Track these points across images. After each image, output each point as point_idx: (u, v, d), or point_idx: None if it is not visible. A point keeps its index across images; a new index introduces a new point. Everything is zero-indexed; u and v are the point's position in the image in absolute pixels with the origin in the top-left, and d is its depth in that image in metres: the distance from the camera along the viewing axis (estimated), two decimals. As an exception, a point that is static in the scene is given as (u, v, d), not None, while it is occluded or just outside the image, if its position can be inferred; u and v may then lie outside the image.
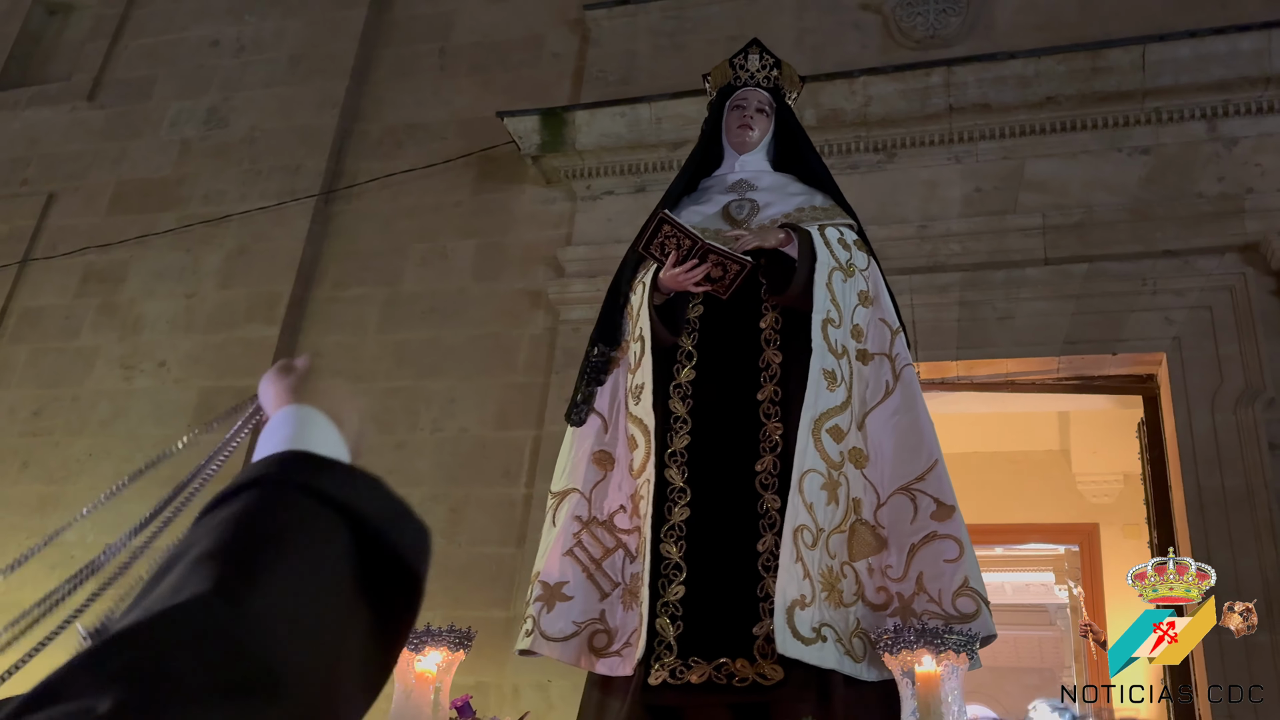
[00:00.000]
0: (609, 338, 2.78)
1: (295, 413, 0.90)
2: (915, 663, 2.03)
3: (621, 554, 2.59)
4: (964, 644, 2.03)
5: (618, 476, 2.67)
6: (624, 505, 2.63)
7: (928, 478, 2.51)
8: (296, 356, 1.02)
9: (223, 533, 0.69)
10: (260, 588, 0.64)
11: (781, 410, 2.52)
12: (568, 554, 2.60)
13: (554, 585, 2.56)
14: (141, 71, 6.47)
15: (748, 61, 3.04)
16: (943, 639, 2.01)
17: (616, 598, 2.55)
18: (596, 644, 2.49)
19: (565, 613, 2.52)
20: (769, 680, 2.24)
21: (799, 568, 2.28)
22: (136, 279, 5.71)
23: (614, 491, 2.66)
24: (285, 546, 0.69)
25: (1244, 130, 4.42)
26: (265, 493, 0.73)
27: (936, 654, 2.01)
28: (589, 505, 2.66)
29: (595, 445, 2.73)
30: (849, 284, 2.68)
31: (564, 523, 2.64)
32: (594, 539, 2.62)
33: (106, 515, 4.44)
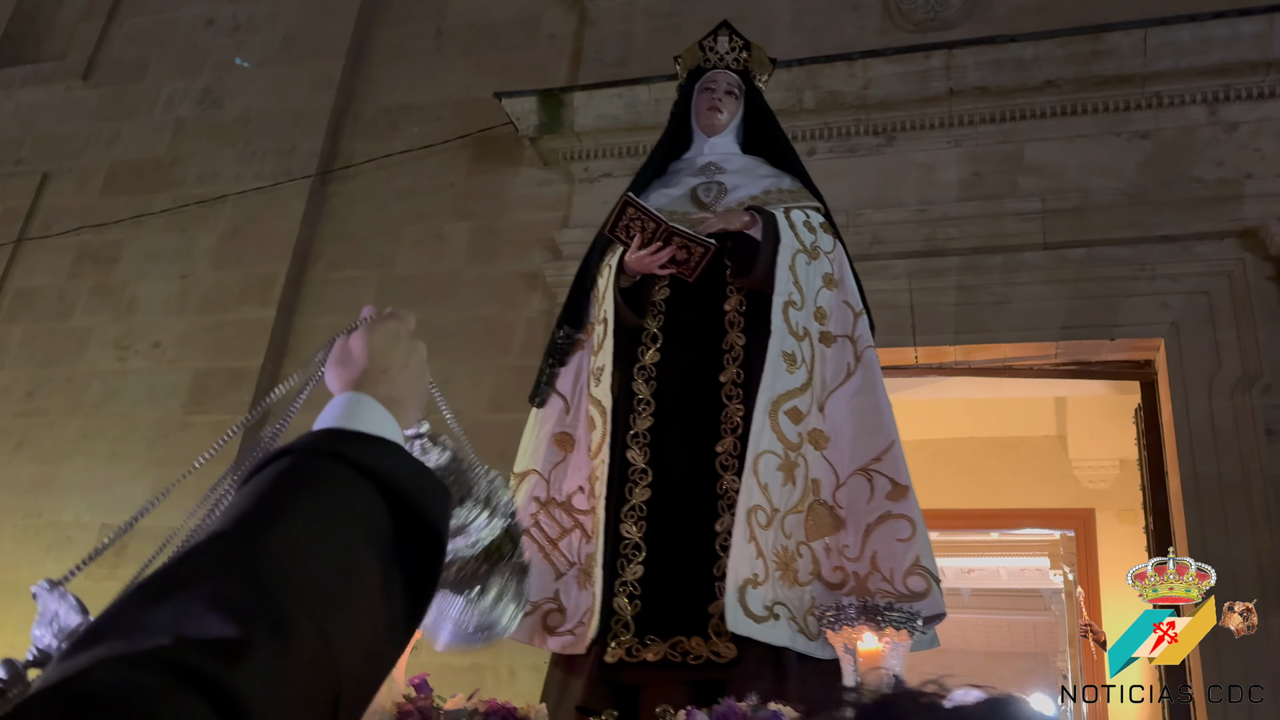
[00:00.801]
0: (574, 320, 2.82)
1: (347, 399, 0.95)
2: (857, 639, 2.06)
3: (578, 534, 2.62)
4: (904, 621, 2.06)
5: (577, 458, 2.70)
6: (582, 486, 2.66)
7: (884, 458, 2.53)
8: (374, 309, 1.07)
9: (250, 489, 0.74)
10: (278, 530, 0.69)
11: (743, 392, 2.55)
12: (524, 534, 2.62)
13: None
14: (136, 51, 6.43)
15: (717, 43, 3.05)
16: (884, 615, 2.05)
17: (571, 577, 2.58)
18: (550, 623, 2.52)
19: None
20: (723, 658, 2.29)
21: (752, 547, 2.31)
22: (130, 260, 5.68)
23: (573, 472, 2.69)
24: (306, 498, 0.74)
25: (1244, 115, 4.40)
26: (294, 459, 0.78)
27: (878, 630, 2.04)
28: (547, 486, 2.69)
29: (556, 427, 2.75)
30: (813, 266, 2.70)
31: (522, 503, 2.67)
32: (551, 519, 2.65)
33: (102, 496, 4.43)
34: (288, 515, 0.71)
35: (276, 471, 0.77)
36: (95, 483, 5.07)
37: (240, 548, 0.66)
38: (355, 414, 0.93)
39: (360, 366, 1.00)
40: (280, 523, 0.70)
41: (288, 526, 0.70)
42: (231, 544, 0.67)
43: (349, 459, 0.79)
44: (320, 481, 0.77)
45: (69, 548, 4.94)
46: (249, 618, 0.60)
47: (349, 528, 0.74)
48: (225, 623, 0.58)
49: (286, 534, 0.69)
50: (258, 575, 0.63)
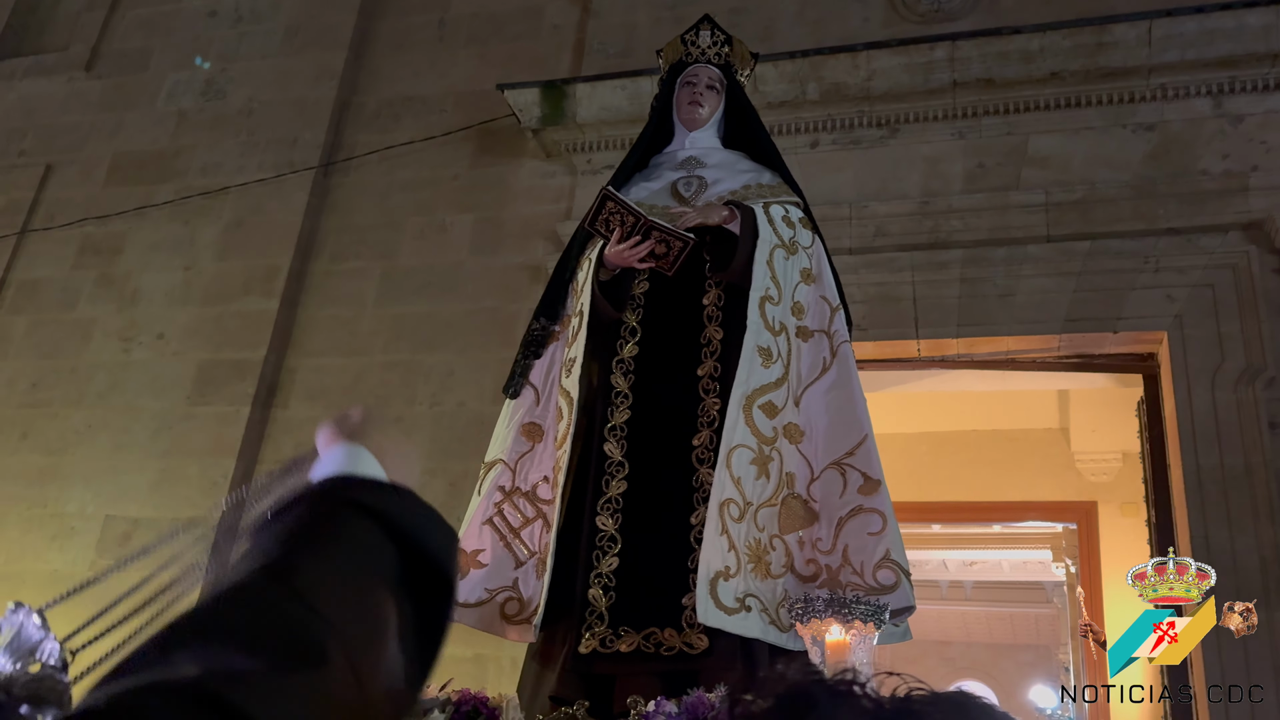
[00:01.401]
0: (550, 312, 2.84)
1: (344, 449, 0.99)
2: (825, 631, 2.08)
3: (540, 524, 2.65)
4: (871, 614, 2.08)
5: (545, 448, 2.73)
6: (547, 476, 2.68)
7: (857, 452, 2.55)
8: (354, 410, 1.09)
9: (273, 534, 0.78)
10: (303, 571, 0.72)
11: (720, 386, 2.57)
12: (487, 523, 2.66)
13: (470, 553, 2.62)
14: (138, 42, 6.43)
15: (699, 38, 3.04)
16: (850, 608, 2.07)
17: (531, 567, 2.60)
18: (508, 611, 2.55)
19: (479, 580, 2.58)
20: (695, 649, 2.31)
21: (724, 540, 2.33)
22: (134, 251, 5.69)
23: (539, 463, 2.72)
24: (326, 543, 0.77)
25: (1249, 107, 4.38)
26: (310, 504, 0.82)
27: (845, 623, 2.06)
28: (513, 475, 2.72)
29: (526, 417, 2.78)
30: (791, 261, 2.71)
31: (487, 492, 2.70)
32: (514, 509, 2.68)
33: (106, 486, 4.42)
34: (309, 556, 0.74)
35: (294, 517, 0.80)
36: (99, 473, 5.09)
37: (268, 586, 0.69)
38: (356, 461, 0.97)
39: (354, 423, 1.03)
40: (303, 563, 0.73)
41: (310, 566, 0.73)
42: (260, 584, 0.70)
43: (359, 503, 0.82)
44: (336, 525, 0.79)
45: (73, 538, 4.96)
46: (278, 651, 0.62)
47: (365, 567, 0.77)
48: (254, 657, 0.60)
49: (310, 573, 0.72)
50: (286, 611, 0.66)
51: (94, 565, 4.87)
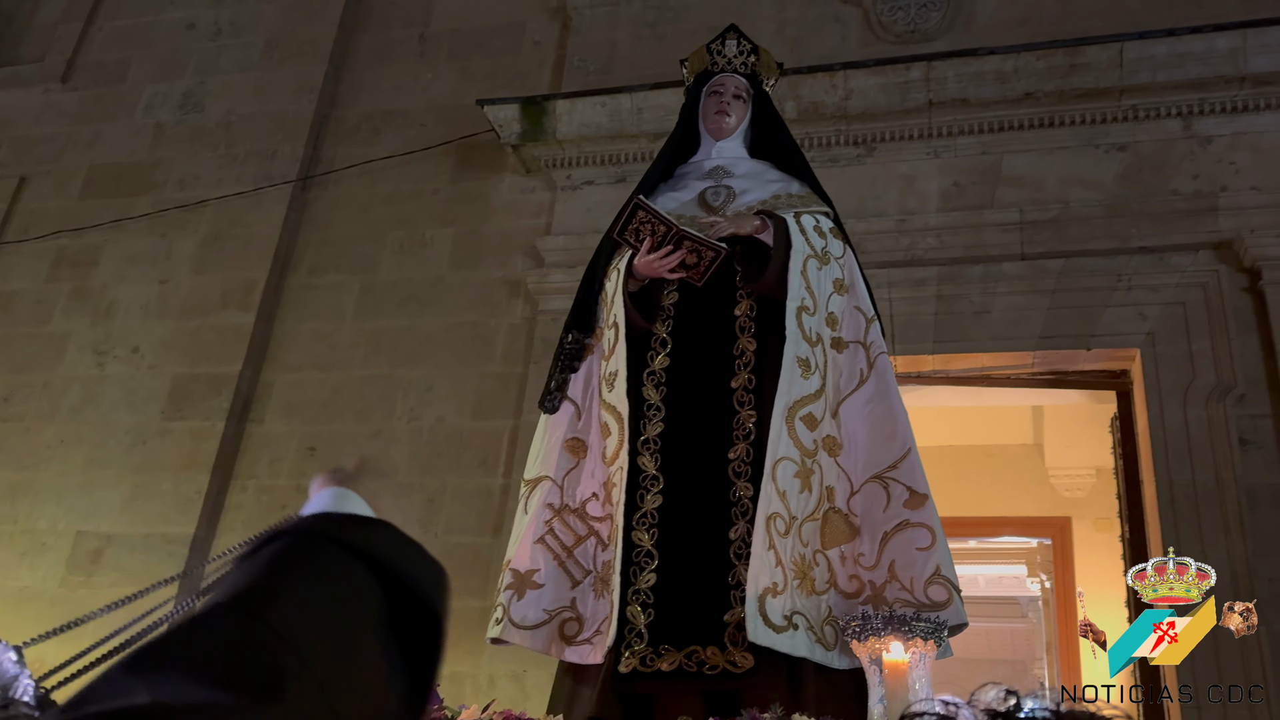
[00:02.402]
0: (583, 324, 2.78)
1: (333, 491, 0.98)
2: (883, 650, 2.03)
3: (593, 541, 2.59)
4: (931, 631, 2.03)
5: (590, 464, 2.67)
6: (596, 493, 2.63)
7: (901, 466, 2.51)
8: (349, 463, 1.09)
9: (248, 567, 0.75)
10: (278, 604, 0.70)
11: (755, 398, 2.52)
12: (539, 542, 2.59)
13: (525, 573, 2.56)
14: (116, 54, 6.39)
15: (725, 47, 3.03)
16: (910, 626, 2.02)
17: (588, 585, 2.54)
18: (567, 632, 2.49)
19: (536, 600, 2.52)
20: (739, 668, 2.24)
21: (771, 555, 2.28)
22: (109, 264, 5.65)
23: (586, 479, 2.66)
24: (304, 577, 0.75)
25: (1219, 129, 4.46)
26: (289, 540, 0.80)
27: (905, 641, 2.02)
28: (561, 493, 2.66)
29: (568, 433, 2.72)
30: (824, 271, 2.68)
31: (535, 510, 2.63)
32: (566, 527, 2.61)
33: (79, 502, 4.38)
34: (285, 589, 0.72)
35: (273, 552, 0.78)
36: (72, 489, 5.03)
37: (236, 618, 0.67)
38: (344, 503, 0.95)
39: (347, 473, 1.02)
40: (278, 596, 0.71)
41: (286, 600, 0.70)
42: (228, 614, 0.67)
43: (342, 540, 0.80)
44: (316, 560, 0.77)
45: (44, 554, 4.90)
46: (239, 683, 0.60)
47: (346, 604, 0.75)
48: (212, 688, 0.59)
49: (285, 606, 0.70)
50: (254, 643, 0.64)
51: (65, 582, 4.81)
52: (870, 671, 2.06)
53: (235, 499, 4.94)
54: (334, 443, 4.94)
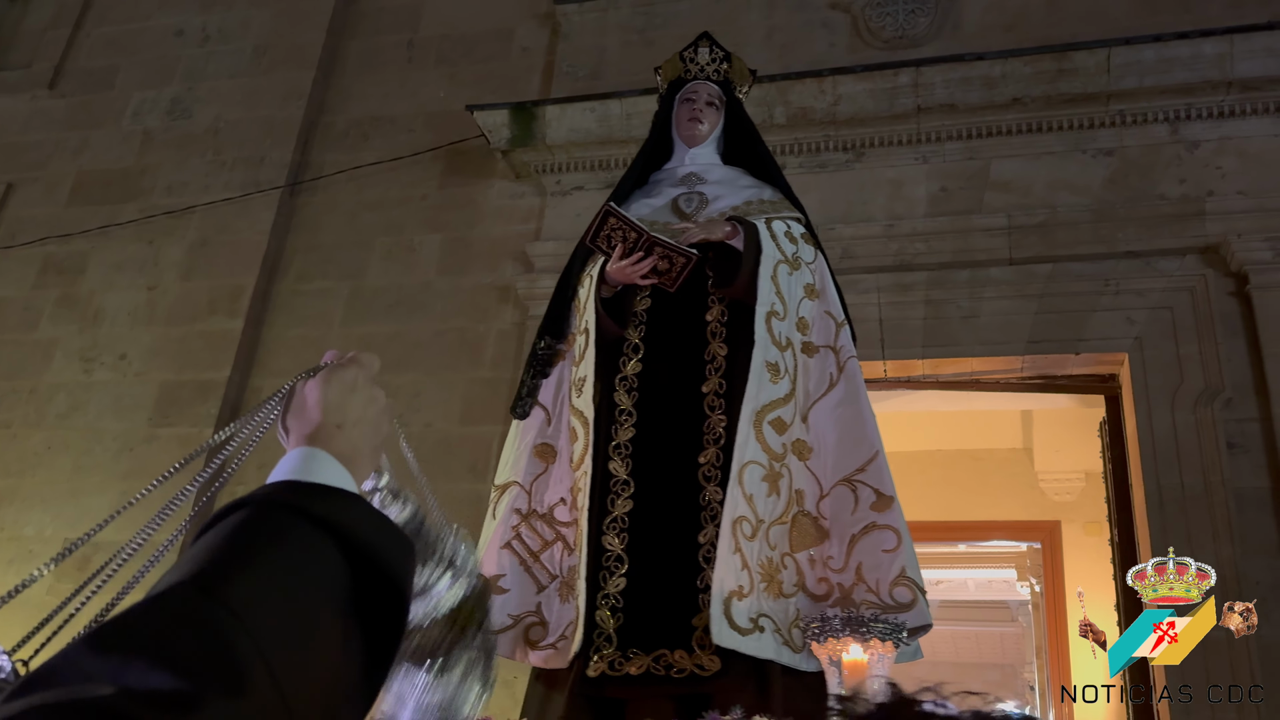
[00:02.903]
0: (555, 330, 2.80)
1: (303, 453, 0.93)
2: (842, 651, 2.05)
3: (560, 546, 2.60)
4: (889, 632, 2.05)
5: (559, 469, 2.68)
6: (564, 498, 2.64)
7: (869, 469, 2.52)
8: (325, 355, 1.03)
9: (207, 541, 0.73)
10: (236, 584, 0.67)
11: (726, 402, 2.53)
12: (505, 546, 2.61)
13: (490, 578, 2.56)
14: (104, 60, 6.38)
15: (698, 55, 3.05)
16: (868, 627, 2.04)
17: (553, 590, 2.55)
18: (532, 636, 2.50)
19: (500, 605, 2.53)
20: (707, 671, 2.25)
21: (737, 559, 2.29)
22: (97, 270, 5.63)
23: (555, 484, 2.67)
24: (264, 551, 0.72)
25: (1205, 133, 4.48)
26: (252, 510, 0.77)
27: (863, 642, 2.03)
28: (529, 498, 2.67)
29: (538, 438, 2.73)
30: (795, 277, 2.69)
31: (503, 515, 2.64)
32: (533, 531, 2.62)
33: (66, 509, 4.35)
34: (245, 568, 0.69)
35: (234, 523, 0.75)
36: (59, 496, 5.00)
37: (195, 600, 0.65)
38: (311, 469, 0.91)
39: (314, 421, 0.97)
40: (237, 575, 0.68)
41: (245, 579, 0.68)
42: (187, 596, 0.65)
43: (307, 511, 0.77)
44: (278, 534, 0.75)
45: (31, 561, 4.87)
46: (199, 671, 0.58)
47: (307, 581, 0.72)
48: (173, 676, 0.57)
49: (243, 586, 0.67)
50: (212, 628, 0.62)
51: (52, 590, 4.78)
52: (830, 672, 2.08)
53: (223, 506, 4.92)
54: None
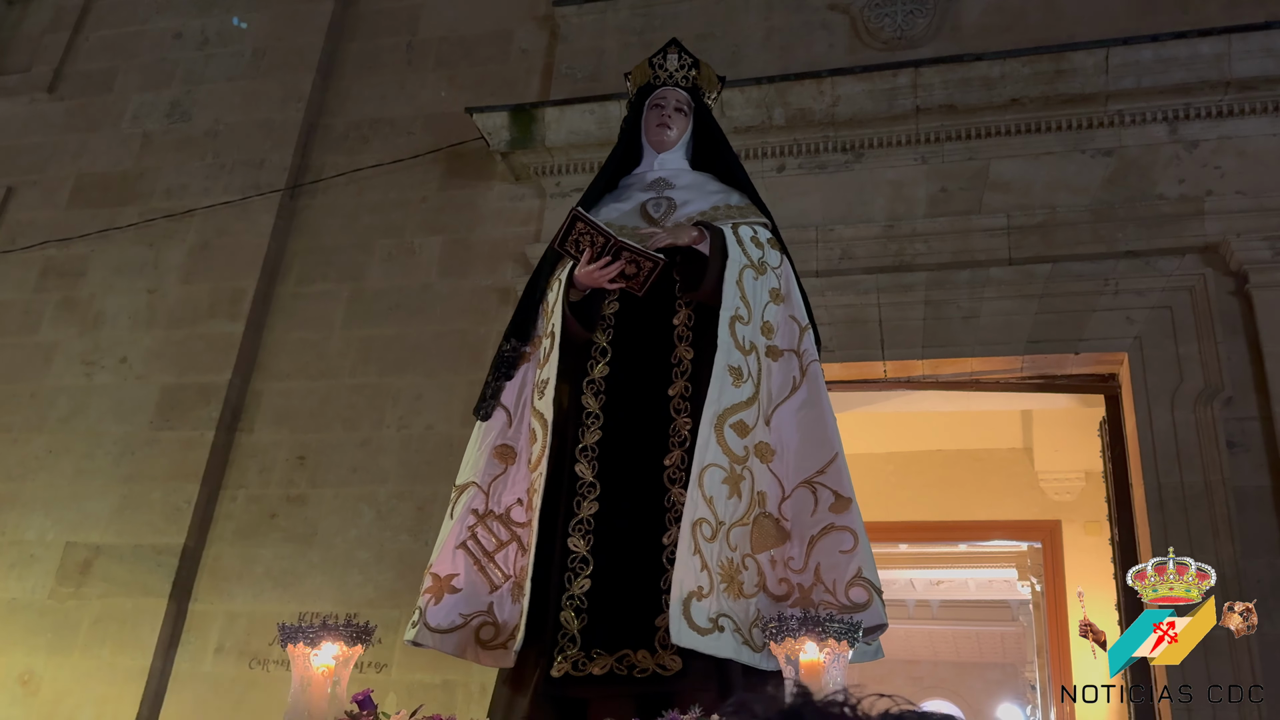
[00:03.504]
0: (521, 333, 2.84)
1: None
2: (799, 650, 2.06)
3: (515, 547, 2.63)
4: (845, 632, 2.06)
5: (518, 470, 2.71)
6: (521, 499, 2.67)
7: (828, 470, 2.55)
8: None
9: None
10: None
11: (691, 405, 2.56)
12: (460, 546, 2.64)
13: (444, 577, 2.60)
14: (102, 63, 6.38)
15: (666, 61, 3.08)
16: (824, 627, 2.05)
17: (506, 590, 2.58)
18: (483, 636, 2.52)
19: (453, 605, 2.55)
20: (669, 670, 2.28)
21: (696, 560, 2.31)
22: (97, 274, 5.63)
23: (513, 485, 2.70)
24: None
25: (1204, 133, 4.48)
26: None
27: (819, 641, 2.05)
28: (486, 498, 2.69)
29: (498, 439, 2.76)
30: (760, 281, 2.72)
31: (460, 515, 2.67)
32: (488, 532, 2.65)
33: (68, 513, 4.38)
34: None
35: None
36: (60, 499, 5.01)
37: None
38: None
39: None
40: None
41: None
42: None
43: None
44: None
45: (32, 566, 4.87)
46: None
47: None
48: None
49: None
50: None
51: (53, 593, 4.78)
52: (786, 671, 2.09)
53: (225, 508, 4.93)
54: (323, 451, 4.93)
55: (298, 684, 2.28)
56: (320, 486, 4.85)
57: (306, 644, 2.28)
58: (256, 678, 4.50)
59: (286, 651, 2.31)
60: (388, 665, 4.22)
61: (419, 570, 4.55)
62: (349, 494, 4.80)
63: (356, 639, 2.33)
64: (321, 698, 2.26)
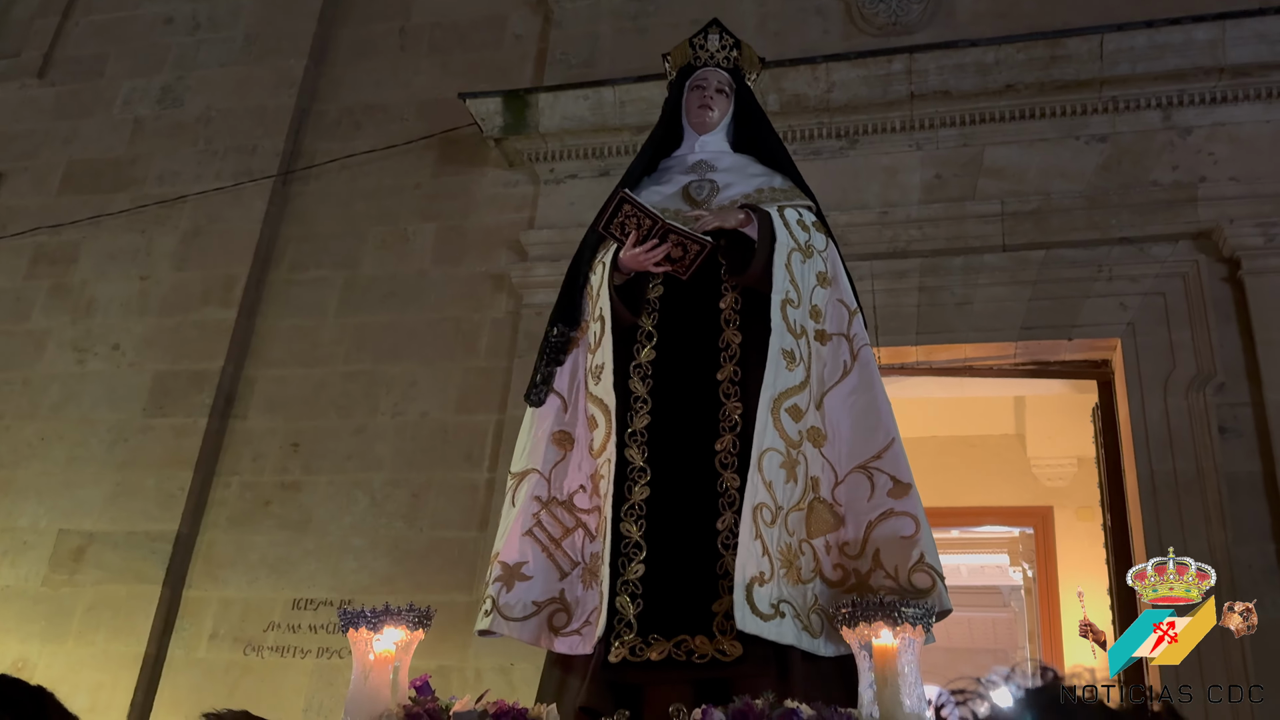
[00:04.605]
0: (568, 318, 2.80)
1: None
2: (873, 635, 2.05)
3: (581, 533, 2.61)
4: (920, 617, 2.06)
5: (577, 456, 2.69)
6: (584, 485, 2.65)
7: (884, 456, 2.54)
8: None
9: None
10: None
11: (741, 390, 2.53)
12: (527, 534, 2.61)
13: (513, 565, 2.57)
14: (93, 49, 6.34)
15: (708, 41, 3.04)
16: (900, 612, 2.04)
17: (576, 577, 2.57)
18: (556, 623, 2.51)
19: (524, 592, 2.54)
20: (728, 656, 2.26)
21: (758, 545, 2.30)
22: (89, 260, 5.60)
23: (574, 471, 2.68)
24: None
25: (1198, 120, 4.49)
26: None
27: (893, 627, 2.04)
28: (548, 485, 2.67)
29: (555, 425, 2.73)
30: (808, 265, 2.70)
31: (523, 503, 2.65)
32: (553, 519, 2.63)
33: (60, 500, 4.38)
34: None
35: None
36: (53, 487, 5.00)
37: None
38: None
39: None
40: None
41: None
42: None
43: None
44: None
45: (26, 553, 4.87)
46: None
47: None
48: None
49: None
50: None
51: (47, 580, 4.78)
52: (860, 657, 2.08)
53: (219, 495, 4.92)
54: (318, 439, 4.92)
55: (358, 670, 2.23)
56: (314, 473, 4.85)
57: (369, 629, 2.24)
58: (251, 664, 4.50)
59: (346, 637, 2.26)
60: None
61: (413, 557, 4.57)
62: (343, 481, 4.79)
63: (419, 623, 2.30)
64: (383, 684, 2.22)
